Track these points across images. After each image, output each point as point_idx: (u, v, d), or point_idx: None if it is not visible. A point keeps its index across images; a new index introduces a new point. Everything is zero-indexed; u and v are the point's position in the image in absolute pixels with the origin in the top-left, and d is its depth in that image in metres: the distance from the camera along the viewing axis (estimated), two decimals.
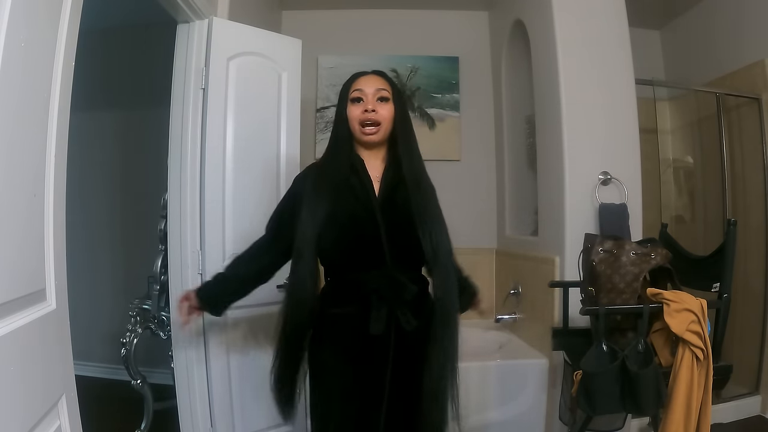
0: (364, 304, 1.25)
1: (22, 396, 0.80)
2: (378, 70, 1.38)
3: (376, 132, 1.29)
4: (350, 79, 1.36)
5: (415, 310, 1.28)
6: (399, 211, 1.27)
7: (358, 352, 1.26)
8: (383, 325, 1.24)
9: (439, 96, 3.24)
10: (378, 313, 1.24)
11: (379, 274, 1.25)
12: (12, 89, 0.78)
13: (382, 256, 1.25)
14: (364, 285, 1.25)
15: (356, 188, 1.28)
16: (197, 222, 1.95)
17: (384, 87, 1.32)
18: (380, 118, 1.29)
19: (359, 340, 1.26)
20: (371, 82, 1.32)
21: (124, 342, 2.24)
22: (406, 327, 1.26)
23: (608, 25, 2.29)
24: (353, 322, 1.26)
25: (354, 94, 1.31)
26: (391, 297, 1.25)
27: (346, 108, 1.31)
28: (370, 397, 1.25)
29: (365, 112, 1.28)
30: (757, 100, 2.56)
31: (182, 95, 1.97)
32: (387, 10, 3.26)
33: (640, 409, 1.56)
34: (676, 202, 3.18)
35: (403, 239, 1.25)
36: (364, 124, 1.29)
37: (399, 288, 1.25)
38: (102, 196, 3.22)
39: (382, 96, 1.30)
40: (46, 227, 0.91)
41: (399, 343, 1.26)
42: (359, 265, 1.27)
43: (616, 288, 1.65)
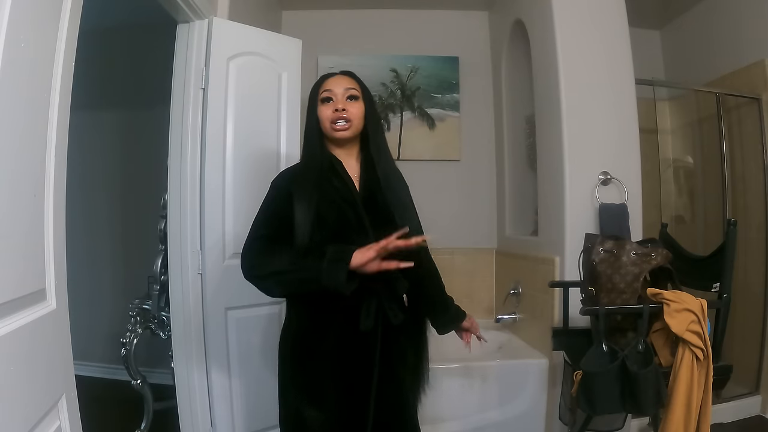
0: (351, 300, 1.24)
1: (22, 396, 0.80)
2: (346, 70, 1.40)
3: (348, 128, 1.31)
4: (318, 81, 1.38)
5: (401, 304, 1.34)
6: (380, 209, 1.30)
7: (345, 350, 1.27)
8: (372, 321, 1.26)
9: (439, 96, 3.24)
10: (368, 308, 1.26)
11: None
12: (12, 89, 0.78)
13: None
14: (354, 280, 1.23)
15: (340, 189, 1.30)
16: (197, 222, 1.95)
17: (353, 86, 1.34)
18: (350, 116, 1.31)
19: (346, 337, 1.27)
20: (340, 82, 1.34)
21: (124, 342, 2.24)
22: (393, 321, 1.29)
23: (608, 25, 2.29)
24: (340, 319, 1.27)
25: (323, 94, 1.33)
26: (383, 290, 1.28)
27: (317, 109, 1.33)
28: (357, 395, 1.27)
29: (335, 111, 1.30)
30: (757, 100, 2.56)
31: (182, 95, 1.97)
32: (387, 10, 3.26)
33: (640, 409, 1.56)
34: (676, 202, 3.18)
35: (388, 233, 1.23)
36: (334, 122, 1.30)
37: (392, 281, 1.28)
38: (102, 196, 3.22)
39: (351, 95, 1.32)
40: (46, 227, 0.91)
41: (385, 340, 1.29)
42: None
43: (616, 288, 1.65)
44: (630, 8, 2.31)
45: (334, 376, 1.27)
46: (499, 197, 3.16)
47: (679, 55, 3.23)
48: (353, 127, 1.32)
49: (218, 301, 1.96)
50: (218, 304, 1.96)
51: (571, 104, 2.23)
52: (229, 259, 1.97)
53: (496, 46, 3.20)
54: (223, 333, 1.97)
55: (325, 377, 1.28)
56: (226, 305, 1.97)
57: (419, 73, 3.22)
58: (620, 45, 2.28)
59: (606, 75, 2.27)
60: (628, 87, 2.27)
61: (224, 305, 1.97)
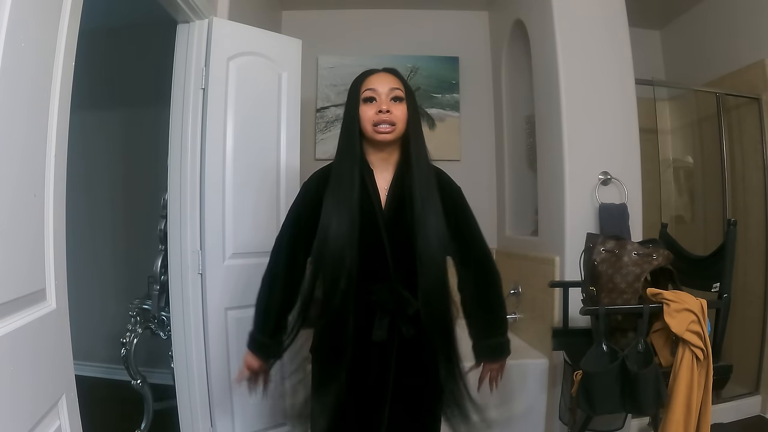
0: (366, 311, 1.24)
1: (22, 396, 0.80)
2: (390, 68, 1.32)
3: (391, 132, 1.24)
4: (361, 76, 1.29)
5: (416, 320, 1.27)
6: (403, 225, 1.24)
7: (361, 359, 1.25)
8: (385, 333, 1.24)
9: (439, 96, 3.24)
10: (380, 322, 1.24)
11: (384, 288, 1.24)
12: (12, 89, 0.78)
13: (387, 271, 1.24)
14: (368, 296, 1.24)
15: (364, 203, 1.24)
16: (197, 222, 1.95)
17: (398, 86, 1.26)
18: (395, 118, 1.24)
19: (361, 347, 1.25)
20: (384, 81, 1.26)
21: (124, 342, 2.24)
22: (406, 334, 1.26)
23: (608, 25, 2.29)
24: (355, 328, 1.24)
25: (366, 93, 1.24)
26: (394, 310, 1.25)
27: (358, 108, 1.25)
28: (373, 404, 1.26)
29: (379, 113, 1.23)
30: (757, 100, 2.56)
31: (182, 95, 1.97)
32: (387, 10, 3.26)
33: (640, 409, 1.56)
34: (676, 202, 3.18)
35: (405, 255, 1.23)
36: (377, 124, 1.23)
37: (402, 302, 1.24)
38: (102, 196, 3.21)
39: (396, 96, 1.25)
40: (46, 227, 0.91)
41: (401, 351, 1.27)
42: (364, 278, 1.24)
43: (617, 288, 1.65)
44: (630, 8, 2.31)
45: (349, 384, 1.25)
46: (499, 197, 3.16)
47: (679, 55, 3.23)
48: (396, 131, 1.24)
49: (218, 301, 1.96)
50: (218, 304, 1.96)
51: (571, 104, 2.23)
52: (229, 259, 1.97)
53: (496, 46, 3.20)
54: (223, 333, 1.97)
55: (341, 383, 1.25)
56: (226, 305, 1.97)
57: (419, 73, 3.22)
58: (620, 45, 2.28)
59: (606, 75, 2.26)
60: (628, 87, 2.27)
61: (224, 305, 1.97)
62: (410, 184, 1.25)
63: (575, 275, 1.98)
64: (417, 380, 1.29)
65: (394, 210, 1.26)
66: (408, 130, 1.27)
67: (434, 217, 1.23)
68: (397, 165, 1.30)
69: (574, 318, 1.86)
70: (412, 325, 1.26)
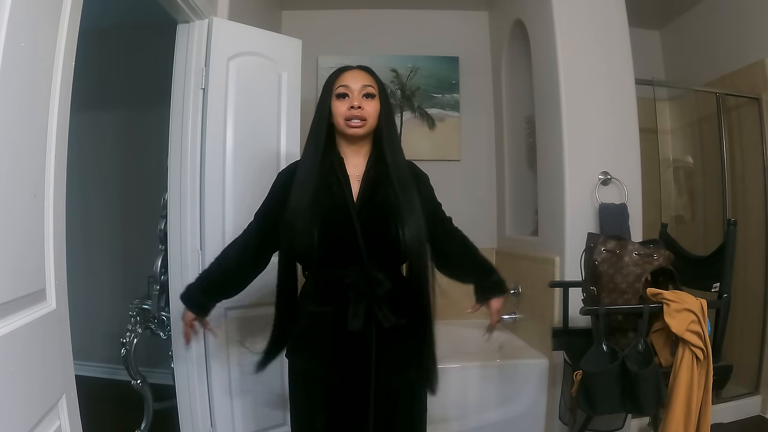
0: (342, 301, 1.25)
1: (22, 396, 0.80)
2: (363, 65, 1.36)
3: (362, 126, 1.28)
4: (335, 73, 1.34)
5: (395, 307, 1.28)
6: (377, 210, 1.27)
7: (339, 351, 1.26)
8: (361, 322, 1.24)
9: (439, 96, 3.24)
10: (356, 309, 1.24)
11: (356, 270, 1.26)
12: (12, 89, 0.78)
13: (359, 254, 1.25)
14: (341, 281, 1.26)
15: (333, 187, 1.28)
16: (197, 222, 1.95)
17: (370, 83, 1.31)
18: (366, 114, 1.28)
19: (339, 338, 1.26)
20: (357, 78, 1.31)
21: (124, 342, 2.24)
22: (383, 323, 1.26)
23: (608, 25, 2.29)
24: (332, 321, 1.26)
25: (339, 89, 1.29)
26: (367, 292, 1.25)
27: (331, 102, 1.30)
28: (356, 396, 1.26)
29: (351, 109, 1.27)
30: (757, 100, 2.56)
31: (182, 95, 1.97)
32: (387, 10, 3.26)
33: (640, 409, 1.56)
34: (676, 202, 3.18)
35: (379, 238, 1.26)
36: (349, 119, 1.28)
37: (374, 283, 1.26)
38: (102, 196, 3.21)
39: (368, 92, 1.30)
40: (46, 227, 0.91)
41: (380, 340, 1.26)
42: (337, 263, 1.27)
43: (618, 288, 1.65)
44: (630, 8, 2.31)
45: (331, 376, 1.26)
46: (499, 197, 3.16)
47: (679, 55, 3.22)
48: (367, 126, 1.30)
49: None
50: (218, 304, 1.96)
51: (571, 104, 2.23)
52: None
53: (496, 46, 3.20)
54: (223, 333, 1.97)
55: (322, 377, 1.27)
56: (226, 305, 1.96)
57: (419, 73, 3.22)
58: (620, 45, 2.28)
59: (606, 75, 2.26)
60: (628, 87, 2.27)
61: (224, 305, 1.96)
62: (386, 173, 1.30)
63: (575, 275, 1.98)
64: (400, 375, 1.30)
65: (367, 197, 1.28)
66: (380, 125, 1.32)
67: (416, 204, 1.29)
68: (369, 155, 1.35)
69: (574, 318, 1.86)
70: (389, 311, 1.27)
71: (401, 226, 1.24)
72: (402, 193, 1.28)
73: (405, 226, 1.24)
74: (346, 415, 1.27)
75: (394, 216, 1.25)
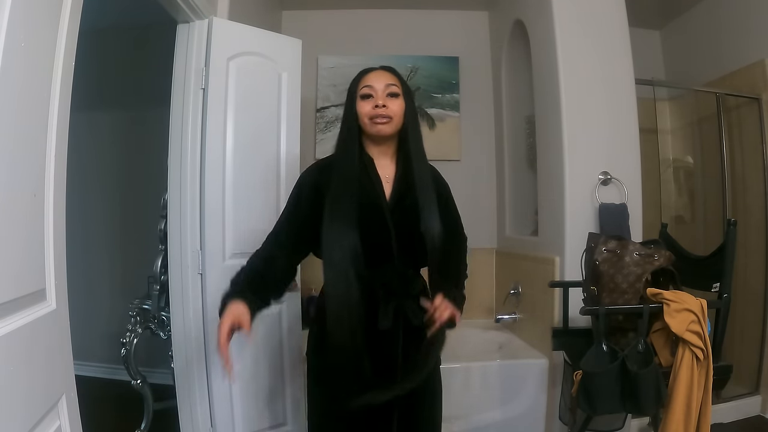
0: (372, 299, 1.25)
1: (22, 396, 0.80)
2: (386, 66, 1.36)
3: (387, 123, 1.28)
4: (359, 75, 1.34)
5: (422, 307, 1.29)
6: (407, 212, 1.28)
7: (369, 350, 1.24)
8: (390, 321, 1.25)
9: (439, 96, 3.24)
10: (386, 308, 1.25)
11: (390, 269, 1.27)
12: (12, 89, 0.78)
13: (391, 255, 1.27)
14: (373, 280, 1.26)
15: (367, 188, 1.28)
16: (197, 222, 1.95)
17: (394, 82, 1.30)
18: (391, 113, 1.28)
19: (367, 336, 1.24)
20: (381, 78, 1.30)
21: (124, 342, 2.24)
22: (413, 321, 1.27)
23: (608, 25, 2.29)
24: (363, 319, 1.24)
25: (363, 90, 1.29)
26: (399, 290, 1.27)
27: (356, 104, 1.30)
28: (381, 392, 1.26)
29: (376, 108, 1.27)
30: (757, 100, 2.56)
31: (182, 95, 1.97)
32: (387, 10, 3.26)
33: (640, 409, 1.57)
34: (676, 202, 3.18)
35: (410, 239, 1.27)
36: (374, 117, 1.27)
37: (407, 281, 1.29)
38: (102, 196, 3.21)
39: (392, 92, 1.29)
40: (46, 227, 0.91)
41: (407, 339, 1.28)
42: (368, 262, 1.25)
43: (618, 288, 1.65)
44: (630, 8, 2.31)
45: (357, 375, 1.23)
46: (499, 197, 3.16)
47: (679, 55, 3.23)
48: (393, 124, 1.29)
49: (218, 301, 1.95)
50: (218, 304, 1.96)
51: (571, 104, 2.23)
52: (229, 259, 1.97)
53: (496, 46, 3.20)
54: None
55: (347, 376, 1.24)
56: None
57: (419, 73, 3.22)
58: (620, 45, 2.28)
59: (606, 75, 2.27)
60: (628, 87, 2.27)
61: None
62: (412, 175, 1.30)
63: (575, 275, 1.98)
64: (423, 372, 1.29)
65: (398, 198, 1.30)
66: (405, 125, 1.31)
67: (435, 206, 1.29)
68: (397, 157, 1.35)
69: (574, 318, 1.86)
70: (420, 309, 1.28)
71: (430, 228, 1.26)
72: (428, 196, 1.29)
73: (433, 229, 1.26)
74: (370, 415, 1.25)
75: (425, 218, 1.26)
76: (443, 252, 1.33)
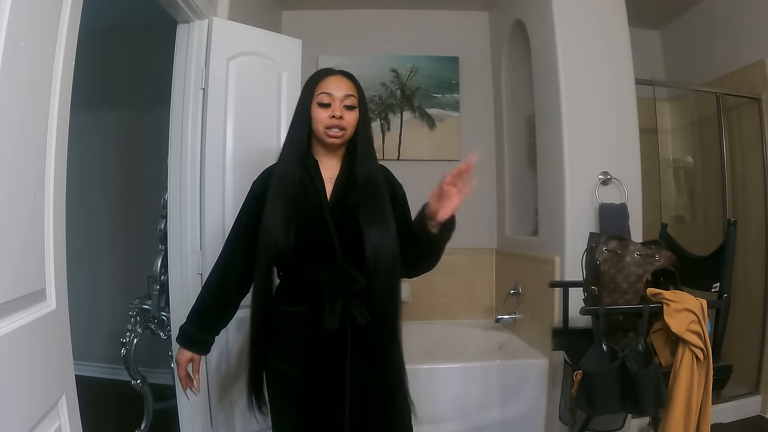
0: (317, 300, 1.26)
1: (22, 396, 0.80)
2: (346, 72, 1.36)
3: (341, 136, 1.30)
4: (317, 76, 1.34)
5: (368, 305, 1.28)
6: (350, 211, 1.29)
7: (314, 351, 1.27)
8: (337, 320, 1.25)
9: (439, 96, 3.24)
10: (332, 307, 1.25)
11: (331, 268, 1.27)
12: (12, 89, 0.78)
13: (334, 254, 1.27)
14: (316, 279, 1.26)
15: (308, 189, 1.30)
16: (197, 222, 1.95)
17: (352, 93, 1.32)
18: (346, 124, 1.30)
19: (314, 338, 1.27)
20: (340, 86, 1.31)
21: (124, 342, 2.24)
22: (360, 321, 1.27)
23: (608, 25, 2.30)
24: (307, 320, 1.27)
25: (321, 97, 1.30)
26: (342, 289, 1.26)
27: (310, 107, 1.31)
28: (331, 396, 1.26)
29: (332, 118, 1.28)
30: (757, 100, 2.56)
31: (182, 95, 1.97)
32: (387, 10, 3.26)
33: (640, 409, 1.57)
34: (676, 202, 3.18)
35: (353, 238, 1.27)
36: (329, 128, 1.29)
37: (349, 280, 1.27)
38: (102, 196, 3.22)
39: (349, 104, 1.31)
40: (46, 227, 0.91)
41: (355, 339, 1.27)
42: (312, 261, 1.28)
43: (619, 288, 1.65)
44: (630, 8, 2.31)
45: (305, 379, 1.27)
46: (499, 197, 3.17)
47: (679, 55, 3.23)
48: (346, 135, 1.31)
49: None
50: None
51: (571, 104, 2.23)
52: None
53: (496, 46, 3.20)
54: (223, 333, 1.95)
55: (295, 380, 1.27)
56: None
57: (419, 73, 3.22)
58: (620, 45, 2.28)
59: (606, 75, 2.27)
60: (628, 87, 2.27)
61: None
62: (359, 175, 1.31)
63: (575, 275, 1.98)
64: (374, 373, 1.29)
65: (340, 197, 1.31)
66: (357, 133, 1.33)
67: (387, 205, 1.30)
68: (343, 157, 1.36)
69: (574, 318, 1.86)
70: (365, 309, 1.27)
71: (368, 233, 1.25)
72: (371, 198, 1.29)
73: (372, 234, 1.25)
74: (321, 416, 1.27)
75: (365, 215, 1.27)
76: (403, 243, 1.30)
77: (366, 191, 1.29)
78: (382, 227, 1.27)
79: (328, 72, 1.35)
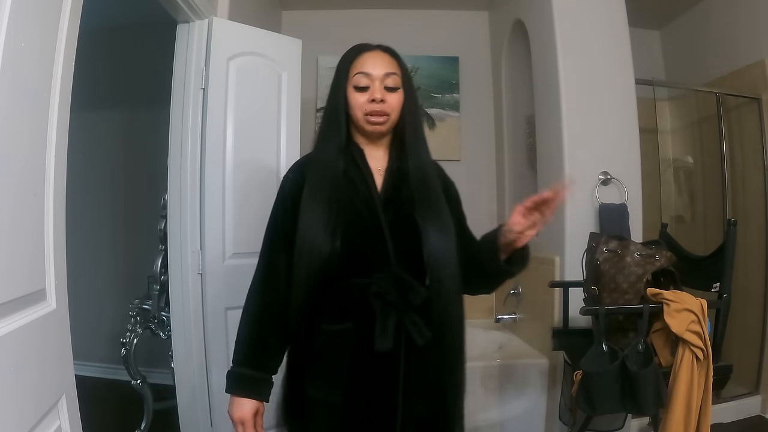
0: (365, 315, 1.03)
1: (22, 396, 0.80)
2: (385, 46, 1.15)
3: (384, 122, 1.09)
4: (352, 53, 1.13)
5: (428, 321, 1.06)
6: (404, 207, 1.09)
7: (361, 377, 1.03)
8: (391, 340, 1.02)
9: (439, 96, 3.24)
10: (384, 324, 1.02)
11: (384, 276, 1.04)
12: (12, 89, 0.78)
13: (386, 257, 1.05)
14: (366, 290, 1.04)
15: (356, 181, 1.09)
16: (197, 222, 1.95)
17: (394, 71, 1.11)
18: (389, 108, 1.09)
19: (361, 361, 1.03)
20: (379, 63, 1.10)
21: (124, 342, 2.24)
22: (417, 340, 1.03)
23: (608, 25, 2.29)
24: (352, 340, 1.04)
25: (357, 78, 1.09)
26: (397, 302, 1.03)
27: (346, 90, 1.10)
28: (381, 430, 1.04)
29: (372, 102, 1.08)
30: (757, 100, 2.56)
31: (182, 95, 1.97)
32: (387, 10, 3.26)
33: (640, 409, 1.56)
34: (676, 202, 3.18)
35: (408, 238, 1.06)
36: (369, 114, 1.09)
37: (407, 290, 1.04)
38: (102, 196, 3.22)
39: (391, 84, 1.10)
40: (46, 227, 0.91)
41: (408, 362, 1.04)
42: (360, 268, 1.06)
43: (619, 288, 1.65)
44: (630, 8, 2.31)
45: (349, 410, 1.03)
46: (499, 197, 3.16)
47: (679, 55, 3.22)
48: (390, 122, 1.11)
49: (218, 301, 1.96)
50: (218, 304, 1.96)
51: (571, 104, 2.23)
52: (229, 259, 1.97)
53: (496, 46, 3.20)
54: (223, 333, 1.97)
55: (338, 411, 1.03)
56: (226, 305, 1.97)
57: (419, 73, 3.22)
58: (620, 45, 2.28)
59: (606, 75, 2.27)
60: (628, 87, 2.27)
61: (224, 305, 1.97)
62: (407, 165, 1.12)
63: (575, 275, 1.98)
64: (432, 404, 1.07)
65: (392, 190, 1.11)
66: (403, 118, 1.13)
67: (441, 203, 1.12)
68: (390, 147, 1.16)
69: (574, 318, 1.86)
70: (424, 325, 1.04)
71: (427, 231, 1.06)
72: (427, 193, 1.10)
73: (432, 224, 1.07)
74: None
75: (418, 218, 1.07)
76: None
77: (421, 186, 1.10)
78: (441, 227, 1.07)
79: (363, 48, 1.13)
